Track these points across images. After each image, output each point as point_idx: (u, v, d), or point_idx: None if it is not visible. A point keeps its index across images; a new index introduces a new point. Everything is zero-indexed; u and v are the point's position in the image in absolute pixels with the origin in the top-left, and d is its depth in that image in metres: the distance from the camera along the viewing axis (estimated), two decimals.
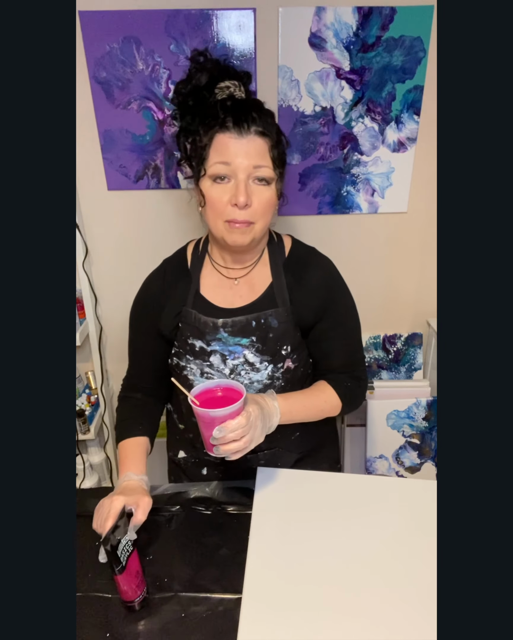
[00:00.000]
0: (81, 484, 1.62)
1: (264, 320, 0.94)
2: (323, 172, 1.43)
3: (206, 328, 0.95)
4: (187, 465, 1.09)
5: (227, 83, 0.90)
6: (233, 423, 0.77)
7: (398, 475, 1.68)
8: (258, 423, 0.82)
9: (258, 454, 1.03)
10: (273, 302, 0.96)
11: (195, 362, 0.97)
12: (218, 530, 0.87)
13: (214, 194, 0.87)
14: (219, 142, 0.85)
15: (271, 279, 0.98)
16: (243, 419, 0.78)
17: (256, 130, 0.85)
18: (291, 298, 0.96)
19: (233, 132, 0.84)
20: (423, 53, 1.30)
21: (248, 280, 0.99)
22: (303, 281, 0.98)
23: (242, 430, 0.78)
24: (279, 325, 0.95)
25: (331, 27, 1.26)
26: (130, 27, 1.24)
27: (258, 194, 0.87)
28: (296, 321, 0.97)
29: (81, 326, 1.51)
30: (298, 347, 0.99)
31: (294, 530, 0.84)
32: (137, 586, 0.74)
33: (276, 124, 0.90)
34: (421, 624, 0.68)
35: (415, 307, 1.66)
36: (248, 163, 0.85)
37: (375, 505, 0.88)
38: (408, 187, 1.47)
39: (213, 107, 0.87)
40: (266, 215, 0.90)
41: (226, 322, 0.94)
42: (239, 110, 0.85)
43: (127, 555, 0.73)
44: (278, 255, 1.00)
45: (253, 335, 0.95)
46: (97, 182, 1.42)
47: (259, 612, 0.70)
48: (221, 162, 0.85)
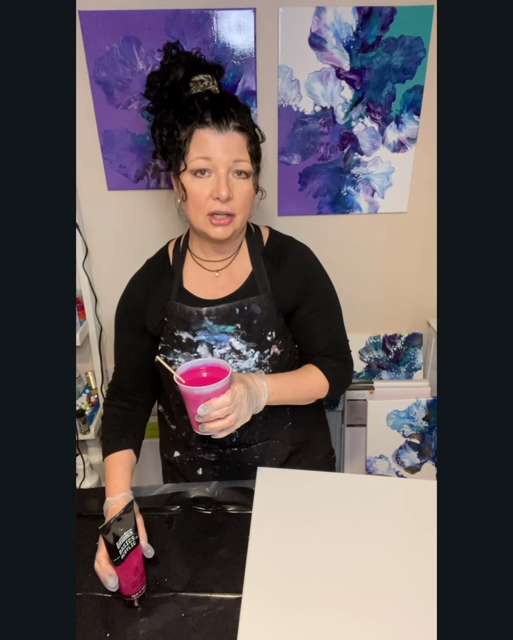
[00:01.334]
0: (81, 484, 1.63)
1: (248, 307, 0.96)
2: (323, 172, 1.43)
3: (191, 318, 0.96)
4: (182, 464, 1.09)
5: (201, 77, 0.91)
6: (217, 401, 0.77)
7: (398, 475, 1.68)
8: (243, 402, 0.82)
9: (252, 446, 1.03)
10: (254, 289, 0.98)
11: (182, 355, 0.98)
12: (218, 530, 0.87)
13: (196, 188, 0.89)
14: (199, 138, 0.87)
15: (251, 269, 1.00)
16: (227, 397, 0.78)
17: (234, 126, 0.87)
18: (272, 284, 0.99)
19: (212, 127, 0.86)
20: (423, 53, 1.30)
21: (228, 271, 1.01)
22: (282, 267, 1.00)
23: (227, 409, 0.78)
24: (262, 312, 0.97)
25: (331, 27, 1.26)
26: (130, 27, 1.24)
27: (238, 187, 0.89)
28: (278, 307, 0.99)
29: (81, 326, 1.51)
30: (283, 332, 1.01)
31: (294, 530, 0.83)
32: (134, 583, 0.74)
33: (252, 119, 0.92)
34: (422, 623, 0.68)
35: (415, 307, 1.66)
36: (228, 158, 0.87)
37: (375, 505, 0.88)
38: (408, 187, 1.47)
39: (191, 102, 0.88)
40: (246, 208, 0.92)
41: (210, 310, 0.96)
42: (217, 105, 0.87)
43: (127, 549, 0.73)
44: (257, 244, 1.02)
45: (238, 322, 0.96)
46: (97, 182, 1.42)
47: (259, 612, 0.70)
48: (202, 158, 0.87)
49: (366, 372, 1.68)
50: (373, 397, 1.61)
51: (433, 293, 1.63)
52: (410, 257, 1.58)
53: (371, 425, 1.63)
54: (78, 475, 1.65)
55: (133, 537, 0.74)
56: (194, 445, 1.05)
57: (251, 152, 0.89)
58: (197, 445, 1.05)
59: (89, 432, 1.56)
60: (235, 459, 1.04)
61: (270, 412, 1.03)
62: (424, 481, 0.94)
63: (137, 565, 0.75)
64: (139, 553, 0.76)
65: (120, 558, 0.72)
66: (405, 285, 1.62)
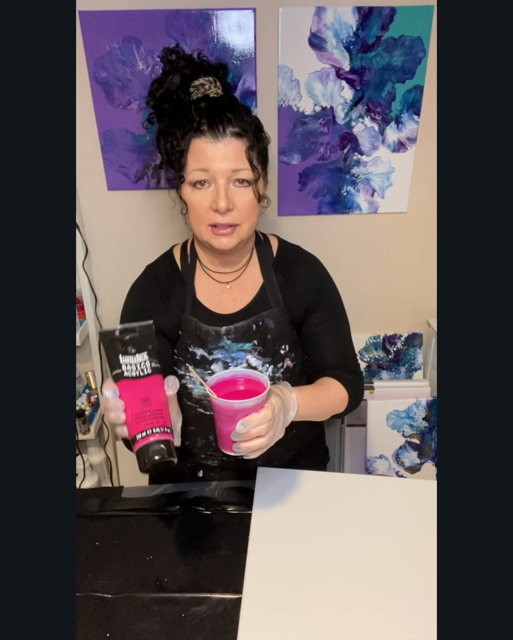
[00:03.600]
0: (81, 484, 1.62)
1: (262, 323, 0.94)
2: (323, 172, 1.43)
3: (208, 337, 0.93)
4: (182, 471, 1.08)
5: (201, 80, 0.88)
6: (258, 416, 0.69)
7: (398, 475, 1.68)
8: (280, 417, 0.75)
9: None
10: (266, 303, 0.96)
11: (195, 370, 0.95)
12: (218, 530, 0.87)
13: (195, 199, 0.86)
14: (196, 148, 0.84)
15: (261, 280, 0.98)
16: (268, 411, 0.70)
17: (231, 132, 0.83)
18: (283, 297, 0.96)
19: (208, 136, 0.83)
20: (423, 53, 1.30)
21: (239, 283, 0.98)
22: (292, 279, 0.98)
23: (267, 425, 0.70)
24: (276, 326, 0.95)
25: (331, 27, 1.26)
26: (130, 27, 1.24)
27: (239, 196, 0.85)
28: (290, 319, 0.97)
29: (81, 326, 1.51)
30: (295, 345, 1.00)
31: (294, 530, 0.83)
32: (140, 416, 0.61)
33: (254, 119, 0.88)
34: (422, 624, 0.68)
35: (415, 307, 1.66)
36: (226, 167, 0.83)
37: (375, 505, 0.88)
38: (408, 187, 1.47)
39: (188, 109, 0.85)
40: (251, 216, 0.88)
41: (229, 330, 0.93)
42: (213, 112, 0.83)
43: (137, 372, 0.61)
44: (267, 255, 0.99)
45: (254, 339, 0.94)
46: (97, 182, 1.42)
47: (259, 612, 0.70)
48: (199, 169, 0.84)
49: (366, 372, 1.68)
50: (373, 397, 1.61)
51: (433, 293, 1.63)
52: (410, 257, 1.58)
53: (371, 425, 1.63)
54: (78, 475, 1.65)
55: (148, 363, 0.63)
56: (197, 453, 1.04)
57: (250, 159, 0.85)
58: (200, 453, 1.03)
59: (89, 432, 1.56)
60: (237, 464, 1.03)
61: None
62: (424, 481, 0.94)
63: (149, 397, 0.61)
64: (157, 386, 0.63)
65: (121, 372, 0.60)
66: (404, 285, 1.62)
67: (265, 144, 0.90)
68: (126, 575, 0.79)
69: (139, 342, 0.64)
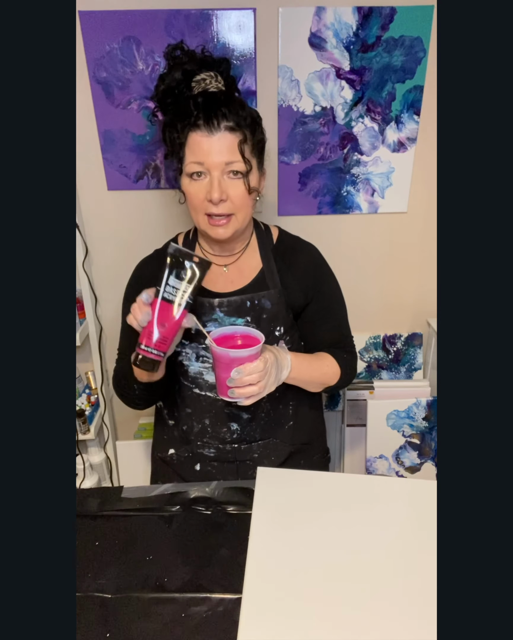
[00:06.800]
0: (81, 484, 1.63)
1: (258, 302, 0.97)
2: (323, 172, 1.43)
3: (202, 309, 0.97)
4: (179, 461, 1.09)
5: (203, 75, 0.90)
6: (251, 366, 0.78)
7: (398, 475, 1.68)
8: (272, 370, 0.83)
9: (252, 444, 1.04)
10: (264, 285, 0.99)
11: (190, 345, 0.99)
12: (218, 530, 0.87)
13: (192, 190, 0.90)
14: (193, 141, 0.88)
15: (261, 265, 1.01)
16: (260, 363, 0.79)
17: (226, 126, 0.86)
18: (282, 281, 1.00)
19: (204, 130, 0.86)
20: (423, 53, 1.30)
21: (237, 266, 1.02)
22: (292, 265, 1.02)
23: (259, 375, 0.79)
24: (272, 307, 0.98)
25: (331, 27, 1.26)
26: (130, 27, 1.24)
27: (233, 188, 0.89)
28: (287, 303, 1.00)
29: (81, 326, 1.51)
30: (290, 329, 1.03)
31: (294, 530, 0.83)
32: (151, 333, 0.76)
33: (250, 113, 0.91)
34: (422, 623, 0.68)
35: (415, 307, 1.66)
36: (220, 160, 0.87)
37: (375, 505, 0.88)
38: (408, 187, 1.47)
39: (187, 104, 0.88)
40: (245, 206, 0.92)
41: (222, 302, 0.97)
42: (209, 107, 0.87)
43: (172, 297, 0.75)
44: (266, 241, 1.03)
45: (248, 316, 0.97)
46: (97, 182, 1.42)
47: (259, 612, 0.70)
48: (195, 162, 0.88)
49: (366, 372, 1.68)
50: (373, 397, 1.61)
51: (433, 293, 1.63)
52: (410, 257, 1.58)
53: (371, 425, 1.63)
54: (78, 475, 1.65)
55: (187, 295, 0.76)
56: (194, 440, 1.05)
57: (242, 152, 0.88)
58: (197, 440, 1.05)
59: (89, 432, 1.56)
60: (234, 455, 1.04)
61: (273, 408, 1.03)
62: (424, 481, 0.94)
63: (169, 323, 0.76)
64: (180, 317, 0.77)
65: (162, 291, 0.73)
66: (405, 285, 1.62)
67: (261, 138, 0.94)
68: (126, 575, 0.79)
69: (191, 273, 0.76)
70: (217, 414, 1.02)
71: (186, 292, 0.77)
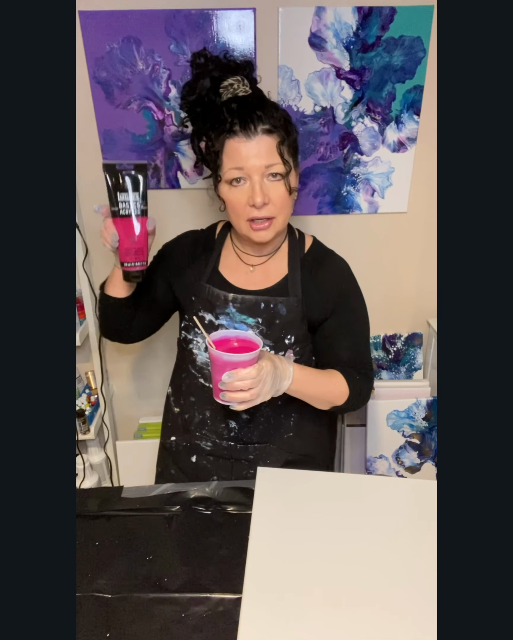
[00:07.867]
0: (81, 484, 1.63)
1: (274, 306, 0.97)
2: (323, 172, 1.43)
3: (217, 301, 0.98)
4: (178, 449, 1.10)
5: (230, 80, 0.91)
6: (243, 372, 0.78)
7: (398, 475, 1.68)
8: (268, 379, 0.82)
9: (248, 446, 1.03)
10: (284, 291, 0.99)
11: (202, 336, 0.99)
12: (218, 530, 0.87)
13: (233, 197, 0.91)
14: (230, 148, 0.88)
15: (286, 271, 1.01)
16: (253, 370, 0.78)
17: (262, 130, 0.87)
18: (304, 291, 0.99)
19: (241, 135, 0.86)
20: (423, 53, 1.30)
21: (263, 268, 1.02)
22: (317, 277, 1.01)
23: (251, 382, 0.78)
24: (288, 314, 0.97)
25: (331, 27, 1.26)
26: (130, 27, 1.24)
27: (274, 190, 0.90)
28: (305, 314, 0.99)
29: (81, 326, 1.51)
30: (303, 340, 1.01)
31: (294, 530, 0.83)
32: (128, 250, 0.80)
33: (283, 114, 0.91)
34: (422, 623, 0.68)
35: (415, 307, 1.66)
36: (260, 164, 0.87)
37: (375, 505, 0.88)
38: (408, 187, 1.47)
39: (220, 111, 0.88)
40: (285, 208, 0.93)
41: (236, 298, 0.97)
42: (243, 112, 0.87)
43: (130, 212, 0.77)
44: (298, 250, 1.03)
45: (260, 317, 0.97)
46: (98, 182, 1.41)
47: (259, 612, 0.70)
48: (235, 168, 0.88)
49: None
50: (373, 397, 1.61)
51: (433, 293, 1.63)
52: (410, 257, 1.58)
53: (371, 425, 1.62)
54: (78, 475, 1.65)
55: (139, 204, 0.78)
56: (193, 430, 1.06)
57: (281, 153, 0.88)
58: (196, 430, 1.05)
59: (89, 432, 1.56)
60: (230, 453, 1.04)
61: (273, 416, 1.02)
62: (424, 481, 0.94)
63: (136, 235, 0.79)
64: (143, 226, 0.80)
65: (117, 210, 0.76)
66: (405, 285, 1.62)
67: (295, 137, 0.94)
68: (126, 575, 0.79)
69: (133, 181, 0.79)
70: (217, 407, 1.02)
71: (137, 200, 0.79)
